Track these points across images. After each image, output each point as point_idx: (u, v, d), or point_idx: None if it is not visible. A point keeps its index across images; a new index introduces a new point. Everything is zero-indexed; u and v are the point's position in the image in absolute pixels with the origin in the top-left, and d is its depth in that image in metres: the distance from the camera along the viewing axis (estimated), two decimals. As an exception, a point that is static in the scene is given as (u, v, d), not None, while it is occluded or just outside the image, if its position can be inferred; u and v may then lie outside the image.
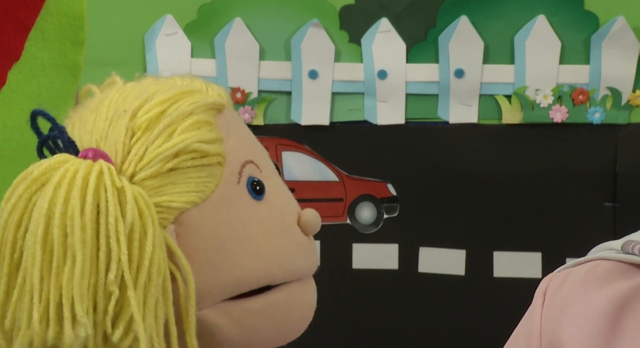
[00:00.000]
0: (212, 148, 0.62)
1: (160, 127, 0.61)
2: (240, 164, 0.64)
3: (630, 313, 0.72)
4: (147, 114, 0.62)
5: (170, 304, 0.59)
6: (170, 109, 0.62)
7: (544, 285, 0.79)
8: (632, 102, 1.48)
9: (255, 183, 0.64)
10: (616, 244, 0.75)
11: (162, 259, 0.58)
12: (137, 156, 0.61)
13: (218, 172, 0.62)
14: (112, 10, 1.49)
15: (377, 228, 1.53)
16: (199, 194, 0.61)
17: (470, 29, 1.49)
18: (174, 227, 0.61)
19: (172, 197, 0.60)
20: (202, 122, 0.62)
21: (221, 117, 0.65)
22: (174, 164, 0.60)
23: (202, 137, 0.61)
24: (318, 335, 1.62)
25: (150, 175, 0.60)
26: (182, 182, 0.61)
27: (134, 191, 0.58)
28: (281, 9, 1.51)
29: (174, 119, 0.62)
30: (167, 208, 0.60)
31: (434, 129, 1.52)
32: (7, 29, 0.85)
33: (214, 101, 0.64)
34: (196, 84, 0.67)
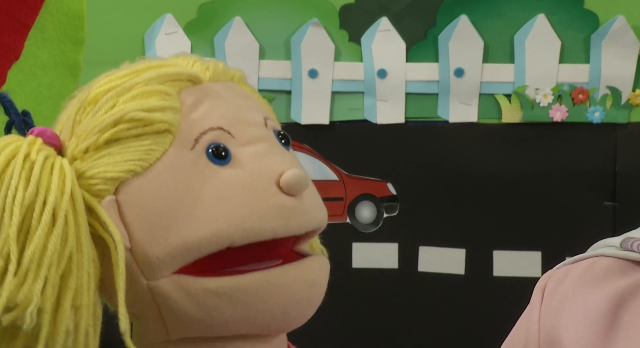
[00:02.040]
0: (155, 116, 0.61)
1: (104, 99, 0.62)
2: (201, 130, 0.63)
3: (628, 309, 0.72)
4: (100, 88, 0.63)
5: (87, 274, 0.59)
6: (126, 82, 0.63)
7: (543, 281, 0.79)
8: (632, 101, 1.48)
9: (217, 148, 0.62)
10: (615, 241, 0.75)
11: (70, 229, 0.58)
12: (80, 130, 0.62)
13: (166, 140, 0.62)
14: (112, 10, 1.49)
15: (376, 228, 1.53)
16: (139, 162, 0.61)
17: (470, 28, 1.49)
18: (114, 198, 0.61)
19: (107, 168, 0.61)
20: (153, 92, 0.62)
21: (194, 89, 0.64)
22: (110, 133, 0.61)
23: (143, 106, 0.61)
24: (318, 334, 1.62)
25: (87, 148, 0.61)
26: (119, 152, 0.61)
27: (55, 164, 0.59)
28: (281, 8, 1.51)
29: (121, 91, 0.62)
30: (103, 179, 0.61)
31: (433, 128, 1.52)
32: (7, 28, 0.85)
33: (178, 72, 0.64)
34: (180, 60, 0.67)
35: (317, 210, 0.66)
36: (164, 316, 0.63)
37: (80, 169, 0.61)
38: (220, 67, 0.68)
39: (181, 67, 0.65)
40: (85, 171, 0.61)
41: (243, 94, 0.68)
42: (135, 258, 0.61)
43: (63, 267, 0.58)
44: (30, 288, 0.57)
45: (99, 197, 0.61)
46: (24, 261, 0.57)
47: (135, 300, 0.63)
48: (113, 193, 0.61)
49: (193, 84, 0.65)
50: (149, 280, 0.62)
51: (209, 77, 0.66)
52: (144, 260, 0.61)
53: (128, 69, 0.64)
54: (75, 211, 0.59)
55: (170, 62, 0.66)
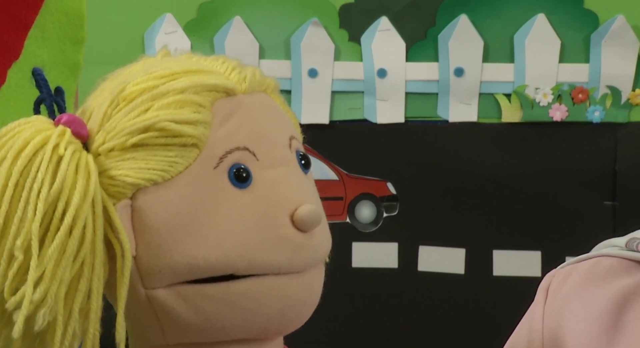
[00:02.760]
0: (185, 129, 0.60)
1: (139, 100, 0.60)
2: (227, 149, 0.61)
3: (632, 309, 0.72)
4: (136, 86, 0.61)
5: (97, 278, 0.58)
6: (162, 85, 0.61)
7: (547, 281, 0.79)
8: (632, 101, 1.48)
9: (239, 170, 0.61)
10: (620, 241, 0.75)
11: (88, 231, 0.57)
12: (110, 126, 0.60)
13: (192, 154, 0.60)
14: (111, 9, 1.49)
15: (376, 227, 1.53)
16: (161, 173, 0.60)
17: (470, 28, 1.49)
18: (129, 202, 0.60)
19: (129, 172, 0.60)
20: (187, 102, 0.61)
21: (227, 101, 0.63)
22: (139, 139, 0.60)
23: (176, 117, 0.60)
24: (318, 334, 1.62)
25: (113, 147, 0.60)
26: (144, 158, 0.60)
27: (80, 161, 0.58)
28: (281, 7, 1.51)
29: (156, 95, 0.61)
30: (122, 183, 0.60)
31: (433, 128, 1.52)
32: (7, 27, 0.85)
33: (215, 83, 0.62)
34: (218, 65, 0.65)
35: (323, 246, 0.66)
36: (162, 322, 0.62)
37: (103, 167, 0.60)
38: (257, 77, 0.66)
39: (219, 78, 0.63)
40: (107, 170, 0.60)
41: (273, 107, 0.67)
42: (138, 267, 0.61)
43: (76, 269, 0.58)
44: (47, 289, 0.56)
45: (115, 198, 0.60)
46: (43, 259, 0.56)
47: (133, 306, 0.62)
48: (129, 198, 0.60)
49: (227, 95, 0.63)
50: (147, 289, 0.61)
51: (244, 89, 0.64)
52: (146, 270, 0.60)
53: (166, 68, 0.63)
54: (95, 214, 0.58)
55: (208, 67, 0.64)
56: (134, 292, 0.61)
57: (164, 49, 0.70)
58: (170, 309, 0.61)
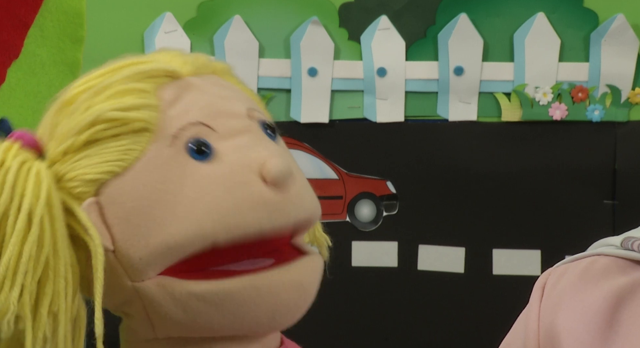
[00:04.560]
0: (131, 115, 0.60)
1: (80, 100, 0.61)
2: (178, 126, 0.61)
3: (627, 308, 0.72)
4: (76, 89, 0.62)
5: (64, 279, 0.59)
6: (101, 82, 0.62)
7: (543, 279, 0.79)
8: (632, 100, 1.48)
9: (197, 143, 0.61)
10: (616, 240, 0.75)
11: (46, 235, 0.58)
12: (58, 132, 0.61)
13: (144, 138, 0.60)
14: (111, 8, 1.49)
15: (376, 226, 1.53)
16: (119, 163, 0.60)
17: (469, 27, 1.49)
18: (94, 200, 0.60)
19: (86, 169, 0.60)
20: (129, 90, 0.61)
21: (174, 84, 0.63)
22: (88, 135, 0.60)
23: (119, 105, 0.60)
24: (317, 333, 1.62)
25: (66, 150, 0.60)
26: (97, 153, 0.60)
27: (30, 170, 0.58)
28: (280, 6, 1.51)
29: (97, 91, 0.61)
30: (83, 181, 0.60)
31: (433, 127, 1.52)
32: (7, 26, 0.85)
33: (153, 68, 0.62)
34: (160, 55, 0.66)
35: (305, 201, 0.64)
36: (150, 316, 0.62)
37: (60, 172, 0.60)
38: (201, 61, 0.66)
39: (158, 63, 0.63)
40: (65, 174, 0.60)
41: (225, 85, 0.67)
42: (119, 260, 0.61)
43: (39, 273, 0.58)
44: (7, 296, 0.56)
45: (80, 199, 0.60)
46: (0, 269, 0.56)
47: (122, 300, 0.63)
48: (94, 195, 0.60)
49: (172, 79, 0.63)
50: (134, 282, 0.61)
51: (188, 72, 0.64)
52: (127, 261, 0.60)
53: (104, 67, 0.63)
54: (52, 216, 0.58)
55: (149, 58, 0.65)
56: (121, 286, 0.61)
57: None
58: (158, 304, 0.61)
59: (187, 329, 0.62)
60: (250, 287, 0.61)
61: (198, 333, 0.63)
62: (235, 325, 0.62)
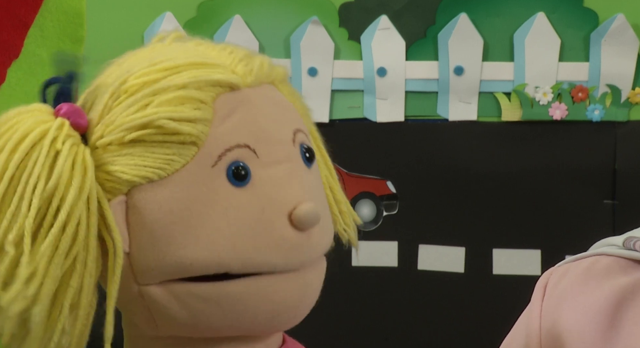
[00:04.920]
0: (184, 127, 0.59)
1: (139, 95, 0.60)
2: (226, 147, 0.60)
3: (629, 307, 0.72)
4: (138, 79, 0.61)
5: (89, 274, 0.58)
6: (164, 78, 0.60)
7: (545, 278, 0.79)
8: (632, 100, 1.48)
9: (237, 168, 0.60)
10: (617, 240, 0.75)
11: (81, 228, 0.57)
12: (109, 120, 0.60)
13: (190, 152, 0.59)
14: (111, 8, 1.49)
15: (376, 226, 1.53)
16: (157, 171, 0.59)
17: (469, 27, 1.49)
18: (124, 199, 0.60)
19: (125, 168, 0.59)
20: (188, 98, 0.60)
21: (231, 96, 0.62)
22: (136, 135, 0.59)
23: (175, 115, 0.59)
24: (317, 333, 1.62)
25: (109, 142, 0.59)
26: (141, 155, 0.59)
27: (77, 156, 0.58)
28: (280, 6, 1.51)
29: (157, 90, 0.60)
30: (118, 179, 0.59)
31: (433, 127, 1.52)
32: (7, 26, 0.85)
33: (218, 79, 0.61)
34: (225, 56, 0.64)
35: (323, 242, 0.65)
36: (154, 317, 0.62)
37: (100, 161, 0.60)
38: (264, 69, 0.65)
39: (223, 72, 0.62)
40: (104, 164, 0.60)
41: (278, 101, 0.65)
42: (131, 263, 0.61)
43: (68, 265, 0.57)
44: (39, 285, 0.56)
45: (111, 193, 0.60)
46: (36, 256, 0.56)
47: (126, 299, 0.62)
48: (124, 194, 0.60)
49: (231, 90, 0.62)
50: (140, 285, 0.61)
51: (249, 83, 0.63)
52: (138, 266, 0.60)
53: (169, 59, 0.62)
54: (89, 211, 0.58)
55: (214, 60, 0.63)
56: (127, 287, 0.61)
57: (176, 32, 0.68)
58: (162, 306, 0.61)
59: (190, 329, 0.62)
60: (252, 288, 0.61)
61: (201, 333, 0.63)
62: (238, 325, 0.62)
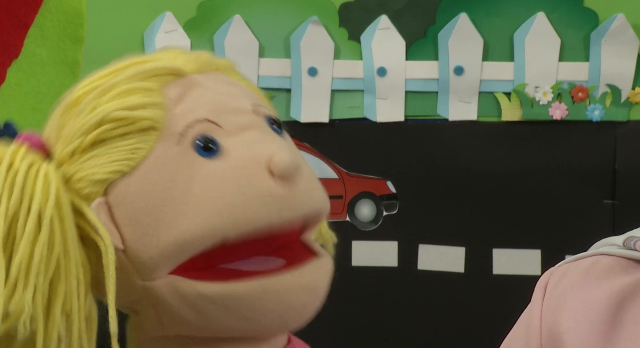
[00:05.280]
0: (138, 113, 0.60)
1: (86, 101, 0.61)
2: (184, 124, 0.61)
3: (630, 307, 0.72)
4: (82, 90, 0.62)
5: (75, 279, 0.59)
6: (106, 82, 0.62)
7: (545, 278, 0.79)
8: (632, 99, 1.48)
9: (204, 140, 0.61)
10: (618, 240, 0.75)
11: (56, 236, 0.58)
12: (65, 133, 0.61)
13: (151, 137, 0.61)
14: (111, 8, 1.49)
15: (376, 226, 1.53)
16: (127, 162, 0.60)
17: (469, 26, 1.49)
18: (103, 200, 0.60)
19: (94, 169, 0.60)
20: (134, 89, 0.61)
21: (179, 82, 0.63)
22: (95, 135, 0.60)
23: (125, 104, 0.60)
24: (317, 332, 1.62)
25: (71, 151, 0.60)
26: (106, 152, 0.60)
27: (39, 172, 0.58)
28: (280, 6, 1.51)
29: (102, 91, 0.61)
30: (91, 182, 0.60)
31: (433, 126, 1.52)
32: (7, 26, 0.85)
33: (158, 66, 0.63)
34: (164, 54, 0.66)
35: (314, 195, 0.64)
36: (160, 315, 0.62)
37: (68, 173, 0.61)
38: (204, 58, 0.67)
39: (162, 61, 0.64)
40: (73, 174, 0.60)
41: (229, 82, 0.67)
42: (130, 259, 0.61)
43: (51, 273, 0.58)
44: (21, 297, 0.56)
45: (89, 199, 0.60)
46: (12, 271, 0.56)
47: (132, 298, 0.63)
48: (103, 195, 0.60)
49: (177, 77, 0.63)
50: (144, 281, 0.61)
51: (192, 69, 0.64)
52: (137, 260, 0.60)
53: (109, 67, 0.64)
54: (61, 217, 0.58)
55: (153, 57, 0.65)
56: (131, 284, 0.61)
57: None
58: (168, 304, 0.61)
59: (197, 329, 0.62)
60: (259, 289, 0.61)
61: (207, 333, 0.63)
62: (245, 326, 0.62)
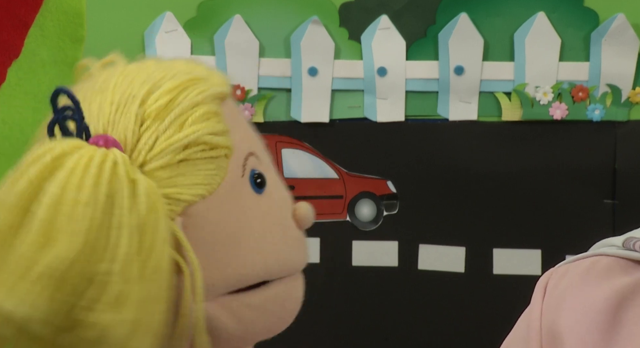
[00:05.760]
0: (220, 140, 0.61)
1: (172, 116, 0.60)
2: (244, 156, 0.63)
3: (629, 307, 0.72)
4: (157, 101, 0.61)
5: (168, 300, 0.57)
6: (179, 97, 0.61)
7: (545, 279, 0.79)
8: (632, 99, 1.48)
9: (256, 176, 0.63)
10: (617, 241, 0.75)
11: (167, 254, 0.57)
12: (147, 145, 0.60)
13: (225, 164, 0.62)
14: (111, 8, 1.49)
15: (376, 226, 1.53)
16: (207, 187, 0.60)
17: (470, 26, 1.49)
18: (181, 220, 0.60)
19: (181, 189, 0.60)
20: (211, 113, 0.62)
21: (225, 107, 0.64)
22: (184, 155, 0.60)
23: (211, 129, 0.61)
24: (318, 332, 1.62)
25: (160, 166, 0.59)
26: (191, 173, 0.60)
27: (147, 183, 0.57)
28: (281, 6, 1.51)
29: (184, 109, 0.61)
30: (176, 200, 0.59)
31: (433, 126, 1.52)
32: (7, 26, 0.85)
33: (220, 91, 0.63)
34: (199, 71, 0.65)
35: None
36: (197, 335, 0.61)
37: None
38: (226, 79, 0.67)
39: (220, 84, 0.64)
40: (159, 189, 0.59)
41: None
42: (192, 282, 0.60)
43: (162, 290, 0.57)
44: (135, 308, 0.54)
45: (168, 217, 0.59)
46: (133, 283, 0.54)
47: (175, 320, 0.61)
48: (179, 215, 0.60)
49: (222, 101, 0.64)
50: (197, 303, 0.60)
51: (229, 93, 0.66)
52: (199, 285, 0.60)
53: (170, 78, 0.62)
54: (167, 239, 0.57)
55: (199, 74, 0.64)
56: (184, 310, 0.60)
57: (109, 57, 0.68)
58: (216, 321, 0.62)
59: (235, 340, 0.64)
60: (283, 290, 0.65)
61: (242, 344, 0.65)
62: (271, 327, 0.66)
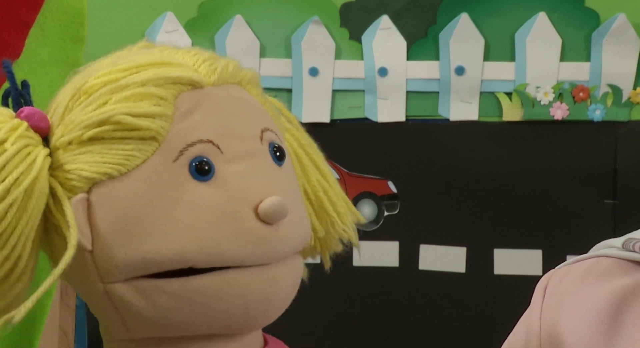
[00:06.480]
0: (142, 122, 0.59)
1: (98, 94, 0.60)
2: (188, 142, 0.60)
3: (630, 309, 0.72)
4: (98, 79, 0.61)
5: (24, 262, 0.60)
6: (124, 78, 0.61)
7: (545, 280, 0.79)
8: (633, 99, 1.48)
9: (200, 163, 0.60)
10: (617, 242, 0.75)
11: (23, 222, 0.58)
12: (69, 120, 0.61)
13: (150, 147, 0.60)
14: (112, 8, 1.49)
15: (377, 226, 1.53)
16: (117, 167, 0.59)
17: (470, 26, 1.49)
18: (85, 196, 0.60)
19: (84, 166, 0.59)
20: (147, 95, 0.60)
21: (193, 93, 0.62)
22: (95, 132, 0.59)
23: (133, 110, 0.59)
24: (318, 332, 1.62)
25: (71, 141, 0.60)
26: (100, 152, 0.60)
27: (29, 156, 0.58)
28: (281, 6, 1.51)
29: (116, 88, 0.60)
30: (79, 177, 0.59)
31: (434, 127, 1.52)
32: (7, 26, 0.85)
33: (179, 76, 0.61)
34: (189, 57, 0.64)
35: (293, 240, 0.64)
36: (123, 317, 0.62)
37: (60, 161, 0.60)
38: (229, 69, 0.65)
39: (184, 70, 0.62)
40: (65, 164, 0.60)
41: (244, 99, 0.65)
42: (95, 262, 0.60)
43: None
44: None
45: (72, 192, 0.60)
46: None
47: (94, 301, 0.62)
48: (86, 192, 0.60)
49: (194, 88, 0.62)
50: (105, 283, 0.61)
51: (212, 82, 0.63)
52: (103, 265, 0.60)
53: (131, 61, 0.63)
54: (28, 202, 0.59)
55: (177, 60, 0.64)
56: (92, 286, 0.61)
57: (144, 42, 0.70)
58: (129, 304, 0.61)
59: (160, 328, 0.62)
60: (221, 282, 0.61)
61: (173, 332, 0.62)
62: (207, 320, 0.62)
